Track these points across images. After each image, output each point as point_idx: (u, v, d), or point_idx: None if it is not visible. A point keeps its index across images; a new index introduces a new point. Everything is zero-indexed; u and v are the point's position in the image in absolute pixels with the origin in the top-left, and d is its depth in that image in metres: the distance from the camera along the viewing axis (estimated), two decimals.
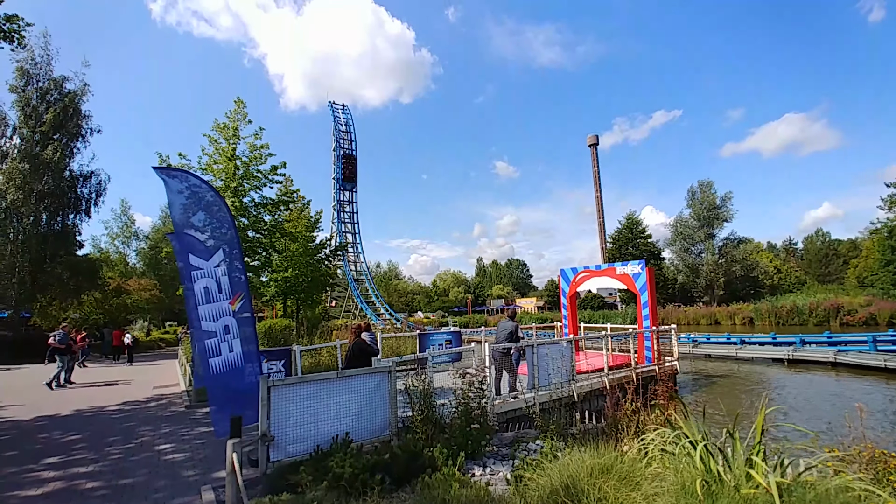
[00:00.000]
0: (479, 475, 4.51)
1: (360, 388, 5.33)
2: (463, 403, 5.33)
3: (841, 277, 54.40)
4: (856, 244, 57.65)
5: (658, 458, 3.70)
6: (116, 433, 7.01)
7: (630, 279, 12.71)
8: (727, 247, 50.29)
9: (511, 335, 8.03)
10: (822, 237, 67.74)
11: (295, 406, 4.84)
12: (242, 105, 14.80)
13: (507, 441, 5.92)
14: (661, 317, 37.01)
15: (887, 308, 30.22)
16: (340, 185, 62.80)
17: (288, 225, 18.97)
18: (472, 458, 5.03)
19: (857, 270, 47.92)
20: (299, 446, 4.78)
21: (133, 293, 30.61)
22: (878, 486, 3.20)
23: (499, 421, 7.22)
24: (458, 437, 4.97)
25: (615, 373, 10.01)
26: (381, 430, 5.42)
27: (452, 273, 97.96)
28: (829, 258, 61.46)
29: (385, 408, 5.49)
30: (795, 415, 9.55)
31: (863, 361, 14.09)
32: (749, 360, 17.30)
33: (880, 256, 38.96)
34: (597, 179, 66.10)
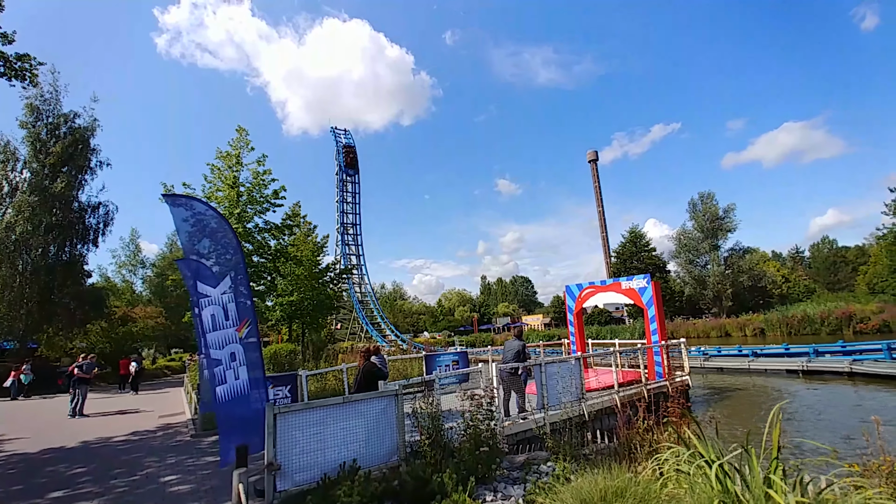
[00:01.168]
0: (491, 500, 4.40)
1: (368, 413, 5.27)
2: (472, 426, 5.24)
3: (851, 285, 53.68)
4: (864, 250, 57.12)
5: (673, 478, 3.61)
6: (122, 465, 6.93)
7: (636, 294, 12.62)
8: (733, 257, 49.96)
9: (519, 354, 7.95)
10: (828, 244, 67.27)
11: (301, 433, 4.78)
12: (244, 133, 15.13)
13: (517, 464, 5.79)
14: (670, 330, 36.45)
15: None
16: (343, 209, 63.38)
17: (293, 249, 19.12)
18: (483, 482, 4.91)
19: (867, 277, 47.30)
20: (306, 475, 4.70)
21: (139, 321, 30.67)
22: None
23: (509, 443, 7.09)
24: (467, 461, 4.87)
25: (625, 389, 9.83)
26: (389, 455, 5.33)
27: (457, 292, 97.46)
28: (837, 265, 60.84)
29: (393, 432, 5.41)
30: (813, 429, 9.30)
31: (879, 370, 13.78)
32: (763, 372, 16.96)
33: (889, 262, 38.55)
34: (598, 194, 66.41)
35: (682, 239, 52.29)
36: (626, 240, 55.28)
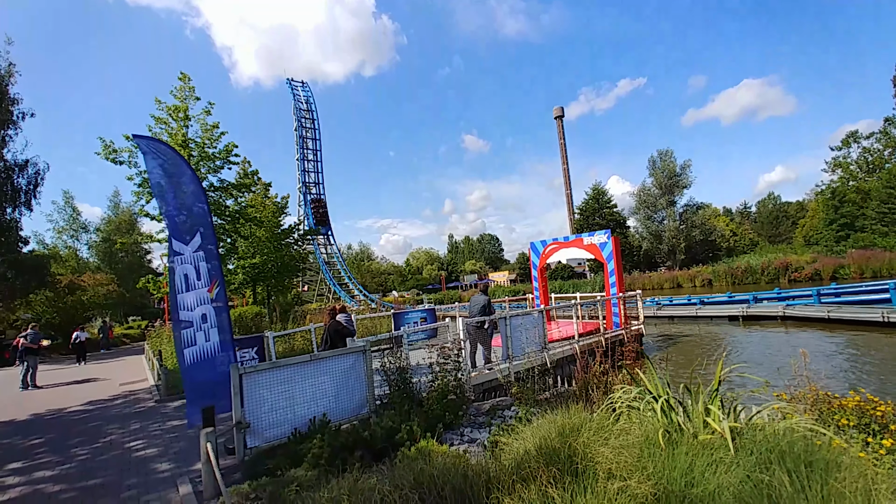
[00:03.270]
0: (458, 444, 4.64)
1: (336, 370, 5.32)
2: (439, 377, 5.41)
3: (790, 237, 57.97)
4: (803, 205, 61.39)
5: (625, 414, 3.91)
6: (82, 434, 6.75)
7: (597, 249, 13.08)
8: (687, 213, 52.43)
9: (484, 309, 8.16)
10: (773, 200, 71.65)
11: (269, 392, 4.79)
12: (188, 80, 13.74)
13: (483, 410, 6.09)
14: (628, 283, 38.54)
15: (830, 264, 32.57)
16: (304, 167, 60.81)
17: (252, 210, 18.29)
18: (450, 428, 5.16)
19: (804, 230, 51.16)
20: (277, 431, 4.77)
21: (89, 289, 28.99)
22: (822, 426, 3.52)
23: (475, 392, 7.41)
24: (435, 410, 5.07)
25: (585, 339, 10.40)
26: (359, 408, 5.46)
27: (425, 251, 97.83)
28: (779, 220, 65.21)
29: (362, 387, 5.52)
30: (750, 366, 10.27)
31: (808, 314, 15.24)
32: (709, 319, 18.36)
33: (824, 216, 41.70)
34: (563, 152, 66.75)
35: (641, 195, 54.11)
36: (589, 196, 56.59)
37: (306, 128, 62.07)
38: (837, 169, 46.31)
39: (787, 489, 2.25)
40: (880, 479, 2.58)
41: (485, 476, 2.56)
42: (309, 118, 62.87)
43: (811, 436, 3.09)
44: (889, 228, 34.04)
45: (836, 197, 40.48)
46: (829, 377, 8.69)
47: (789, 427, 3.15)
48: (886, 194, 34.68)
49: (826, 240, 40.19)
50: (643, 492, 2.26)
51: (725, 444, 2.81)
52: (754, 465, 2.52)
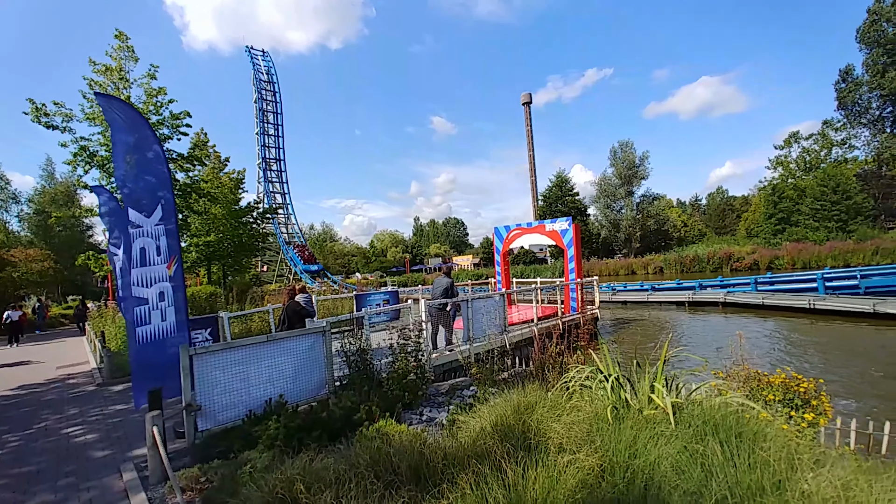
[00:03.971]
0: (416, 423, 4.70)
1: (295, 350, 5.22)
2: (400, 358, 5.43)
3: (734, 229, 61.89)
4: (747, 200, 65.50)
5: (578, 392, 4.10)
6: (12, 421, 6.28)
7: (558, 235, 13.43)
8: (644, 203, 54.77)
9: (447, 291, 8.21)
10: (721, 194, 75.97)
11: (223, 373, 4.64)
12: (125, 39, 12.53)
13: (443, 390, 6.19)
14: (586, 269, 39.99)
15: (767, 255, 35.19)
16: (265, 142, 58.06)
17: (206, 185, 17.31)
18: (410, 408, 5.21)
19: (747, 223, 54.74)
20: (230, 413, 4.63)
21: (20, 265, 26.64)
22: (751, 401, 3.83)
23: (436, 373, 7.51)
24: (394, 391, 5.10)
25: (544, 322, 10.74)
26: (317, 389, 5.40)
27: (390, 233, 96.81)
28: (725, 213, 69.37)
29: (321, 368, 5.45)
30: (693, 347, 11.01)
31: (746, 300, 16.46)
32: (659, 304, 19.43)
33: (764, 210, 44.77)
34: (530, 138, 67.40)
35: (602, 185, 55.87)
36: (553, 184, 57.81)
37: (267, 100, 59.05)
38: (779, 167, 49.69)
39: (719, 458, 2.44)
40: (801, 448, 2.85)
41: (441, 453, 2.61)
42: (270, 90, 59.79)
43: (742, 410, 3.36)
44: (820, 224, 37.09)
45: (776, 193, 43.52)
46: (761, 357, 9.48)
47: (724, 402, 3.41)
48: (819, 192, 37.67)
49: (765, 232, 43.24)
50: (590, 464, 2.39)
51: (667, 418, 3.00)
52: (691, 437, 2.71)
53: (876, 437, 5.11)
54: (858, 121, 40.90)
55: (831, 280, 16.30)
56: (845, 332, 11.86)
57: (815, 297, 14.86)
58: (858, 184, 37.06)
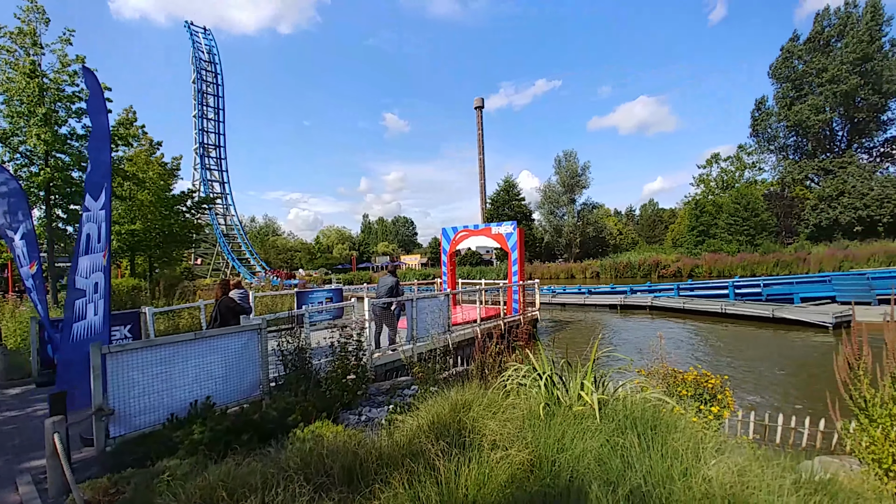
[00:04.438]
0: (355, 423, 4.63)
1: (226, 349, 4.93)
2: (340, 357, 5.31)
3: (662, 239, 67.10)
4: (674, 212, 71.29)
5: (515, 390, 4.24)
6: None
7: (503, 238, 13.81)
8: (584, 211, 57.82)
9: (392, 290, 8.16)
10: (652, 206, 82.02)
11: (142, 374, 4.27)
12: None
13: (384, 389, 6.14)
14: (529, 272, 41.44)
15: (689, 263, 38.57)
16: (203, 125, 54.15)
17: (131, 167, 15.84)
18: (349, 408, 5.12)
19: (673, 234, 59.59)
20: (149, 417, 4.28)
21: None
22: (668, 396, 4.18)
23: (379, 372, 7.43)
24: (333, 391, 4.98)
25: (487, 323, 11.00)
26: (251, 390, 5.14)
27: (337, 229, 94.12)
28: (655, 223, 75.01)
29: (255, 367, 5.20)
30: (621, 347, 11.79)
31: (669, 305, 17.92)
32: (594, 307, 20.59)
33: (688, 223, 49.02)
34: (481, 142, 68.70)
35: (546, 192, 58.30)
36: (501, 188, 59.32)
37: (207, 82, 55.13)
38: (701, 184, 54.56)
39: (636, 449, 2.64)
40: (707, 438, 3.16)
41: (376, 453, 2.59)
42: (211, 71, 55.88)
43: (659, 404, 3.66)
44: (733, 237, 41.22)
45: (698, 208, 47.82)
46: (680, 356, 10.37)
47: (644, 398, 3.69)
48: (733, 209, 41.89)
49: (688, 243, 47.32)
50: (521, 458, 2.49)
51: (594, 413, 3.20)
52: (613, 431, 2.91)
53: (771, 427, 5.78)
54: (767, 147, 46.00)
55: (740, 288, 18.20)
56: (750, 334, 13.28)
57: (727, 302, 16.50)
58: (765, 203, 41.69)
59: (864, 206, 35.02)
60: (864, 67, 35.84)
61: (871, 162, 38.22)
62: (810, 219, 39.27)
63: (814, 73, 38.89)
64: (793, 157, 43.84)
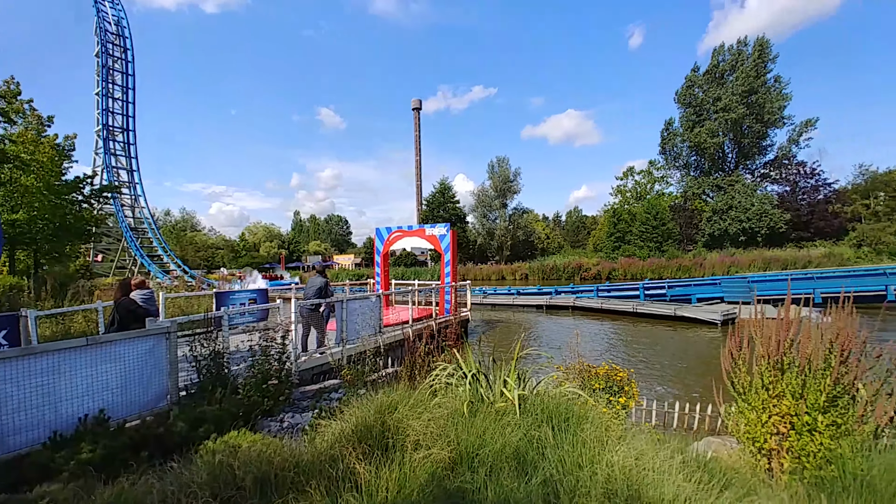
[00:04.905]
0: (276, 431, 4.41)
1: (126, 356, 4.44)
2: (261, 361, 5.03)
3: (585, 244, 72.09)
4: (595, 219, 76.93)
5: (443, 390, 4.32)
6: None
7: (437, 240, 13.97)
8: (515, 215, 60.37)
9: (321, 291, 7.89)
10: (577, 213, 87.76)
11: (17, 387, 3.71)
12: None
13: (309, 394, 5.92)
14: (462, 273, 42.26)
15: (608, 266, 41.92)
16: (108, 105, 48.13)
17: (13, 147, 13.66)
18: (270, 414, 4.86)
19: (594, 239, 64.31)
20: (26, 436, 3.73)
21: None
22: (583, 390, 4.51)
23: (305, 376, 7.14)
24: (253, 397, 4.70)
25: (419, 323, 11.04)
26: (156, 401, 4.68)
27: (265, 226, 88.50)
28: (579, 229, 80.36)
29: (162, 375, 4.74)
30: (547, 345, 12.47)
31: (589, 305, 19.31)
32: (522, 307, 21.54)
33: (607, 230, 53.25)
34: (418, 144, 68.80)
35: (480, 195, 60.04)
36: (437, 191, 59.97)
37: (114, 56, 49.07)
38: (618, 194, 59.64)
39: (550, 441, 2.83)
40: (613, 427, 3.46)
41: (294, 461, 2.49)
42: (119, 46, 49.83)
43: (574, 398, 3.94)
44: (644, 243, 45.49)
45: (616, 216, 52.18)
46: (597, 352, 11.22)
47: (560, 392, 3.95)
48: (645, 218, 46.26)
49: (606, 248, 51.37)
50: (442, 457, 2.54)
51: (515, 409, 3.36)
52: (531, 424, 3.09)
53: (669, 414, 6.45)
54: (673, 164, 51.35)
55: (649, 289, 20.12)
56: (657, 331, 14.73)
57: (638, 302, 18.16)
58: (671, 214, 46.56)
59: (748, 219, 40.47)
60: (750, 99, 41.48)
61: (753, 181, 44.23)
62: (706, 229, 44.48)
63: (710, 101, 44.22)
64: (693, 173, 49.38)
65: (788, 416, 3.62)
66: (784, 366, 3.69)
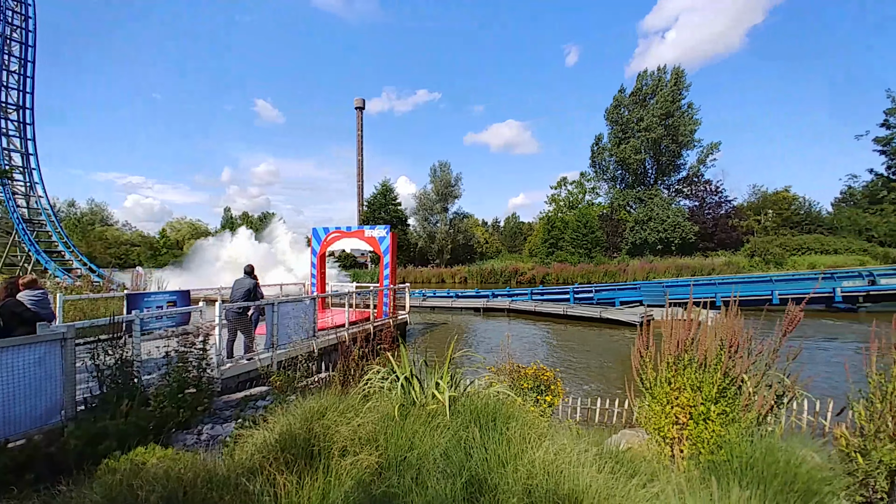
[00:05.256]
0: (192, 443, 4.10)
1: (9, 366, 3.88)
2: (177, 369, 4.65)
3: (521, 249, 74.99)
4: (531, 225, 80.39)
5: (378, 393, 4.27)
6: None
7: (376, 242, 13.80)
8: (455, 220, 61.36)
9: (249, 293, 7.46)
10: (514, 219, 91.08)
11: None
12: None
13: (233, 403, 5.58)
14: (402, 276, 42.10)
15: (542, 271, 43.99)
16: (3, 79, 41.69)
17: None
18: (186, 427, 4.51)
19: (530, 245, 67.14)
20: None
21: None
22: (513, 389, 4.70)
23: (230, 385, 6.72)
24: (166, 408, 4.33)
25: (356, 327, 10.81)
26: (47, 416, 4.14)
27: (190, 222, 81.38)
28: (516, 235, 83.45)
29: (56, 387, 4.21)
30: (483, 347, 12.79)
31: (524, 308, 20.12)
32: (460, 309, 21.90)
33: (542, 236, 55.94)
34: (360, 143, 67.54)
35: (421, 199, 60.32)
36: (379, 192, 59.24)
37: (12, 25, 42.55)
38: (553, 203, 62.86)
39: (477, 440, 2.92)
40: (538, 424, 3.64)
41: (208, 476, 2.33)
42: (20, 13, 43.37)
43: (503, 397, 4.09)
44: (575, 250, 48.39)
45: (549, 223, 55.01)
46: (528, 354, 11.71)
47: (490, 393, 4.08)
48: (576, 226, 49.28)
49: (541, 253, 53.90)
50: (370, 462, 2.52)
51: (446, 411, 3.42)
52: (460, 425, 3.16)
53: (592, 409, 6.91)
54: (602, 176, 55.20)
55: (579, 293, 21.42)
56: (585, 332, 15.70)
57: (568, 305, 19.25)
58: (599, 223, 50.00)
59: (664, 230, 44.56)
60: (667, 121, 45.82)
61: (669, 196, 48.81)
62: (629, 237, 48.27)
63: (634, 120, 48.23)
64: (619, 186, 53.42)
65: (688, 408, 4.04)
66: (685, 362, 4.12)
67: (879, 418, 3.48)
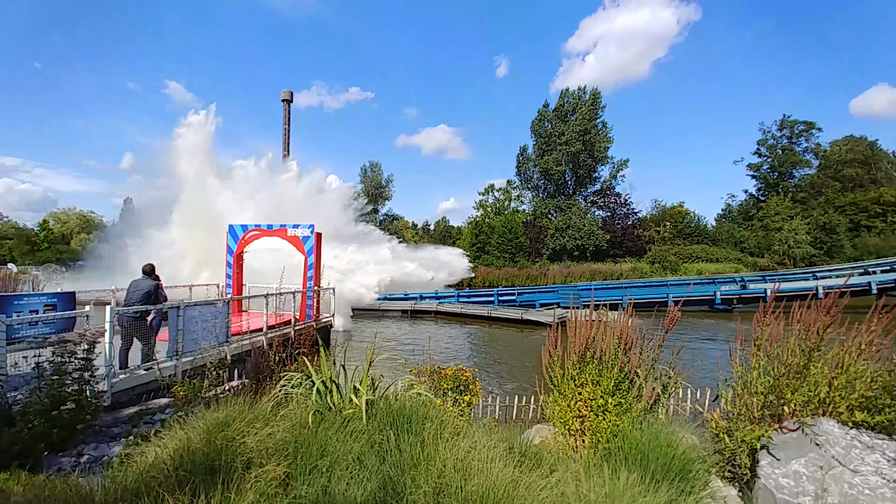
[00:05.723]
0: (70, 466, 3.61)
1: None
2: (50, 383, 4.06)
3: None
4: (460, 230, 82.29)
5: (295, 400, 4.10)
6: None
7: (300, 241, 13.20)
8: (386, 221, 60.77)
9: (148, 296, 6.74)
10: (444, 223, 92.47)
11: None
12: None
13: (125, 418, 5.01)
14: None
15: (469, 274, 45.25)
16: None
17: None
18: (63, 448, 3.96)
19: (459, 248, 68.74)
20: None
21: None
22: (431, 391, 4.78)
23: (123, 398, 6.00)
24: (38, 428, 3.77)
25: (275, 331, 10.24)
26: None
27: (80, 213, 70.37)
28: (445, 238, 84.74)
29: None
30: (406, 349, 12.80)
31: (451, 310, 20.52)
32: (388, 311, 21.72)
33: (470, 240, 57.56)
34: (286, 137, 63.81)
35: None
36: None
37: None
38: (480, 208, 64.99)
39: (392, 443, 2.94)
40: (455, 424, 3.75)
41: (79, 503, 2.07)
42: None
43: (423, 399, 4.16)
44: (501, 254, 50.49)
45: (477, 228, 56.85)
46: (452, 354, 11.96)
47: (410, 395, 4.12)
48: (502, 231, 51.49)
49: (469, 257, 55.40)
50: (277, 473, 2.43)
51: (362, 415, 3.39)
52: (376, 429, 3.16)
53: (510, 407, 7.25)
54: (526, 185, 58.27)
55: (503, 295, 22.36)
56: (508, 333, 16.42)
57: (492, 307, 20.01)
58: (523, 229, 52.67)
59: (581, 237, 48.18)
60: (585, 137, 49.68)
61: (585, 206, 52.89)
62: (550, 243, 51.39)
63: (556, 134, 51.61)
64: (542, 195, 56.75)
65: (589, 401, 4.43)
66: (587, 359, 4.51)
67: (741, 403, 4.10)
